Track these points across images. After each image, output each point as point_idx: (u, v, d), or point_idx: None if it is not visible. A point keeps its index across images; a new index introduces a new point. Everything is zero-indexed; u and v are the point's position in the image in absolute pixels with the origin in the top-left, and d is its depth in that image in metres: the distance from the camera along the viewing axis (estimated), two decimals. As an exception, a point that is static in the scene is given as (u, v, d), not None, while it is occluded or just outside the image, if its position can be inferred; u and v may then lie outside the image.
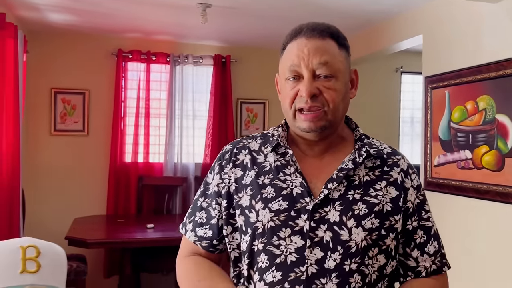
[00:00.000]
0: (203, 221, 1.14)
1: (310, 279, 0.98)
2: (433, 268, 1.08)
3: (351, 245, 1.00)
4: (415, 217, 1.08)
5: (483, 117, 2.54)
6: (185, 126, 4.44)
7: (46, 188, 4.09)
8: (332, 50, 1.04)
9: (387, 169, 1.08)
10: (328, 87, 1.02)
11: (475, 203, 2.58)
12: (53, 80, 4.15)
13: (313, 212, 1.01)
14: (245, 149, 1.14)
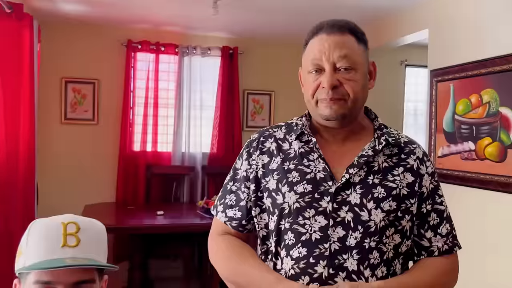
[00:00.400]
0: (233, 203, 1.23)
1: (333, 255, 1.07)
2: (445, 248, 1.16)
3: (370, 225, 1.08)
4: (429, 201, 1.16)
5: (487, 110, 2.62)
6: (193, 116, 4.52)
7: (56, 175, 4.17)
8: (351, 44, 1.12)
9: (404, 157, 1.16)
10: (348, 79, 1.10)
11: (478, 193, 2.67)
12: (64, 70, 4.22)
13: (335, 194, 1.10)
14: (271, 137, 1.23)
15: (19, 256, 0.96)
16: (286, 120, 1.29)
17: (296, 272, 1.08)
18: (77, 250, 0.93)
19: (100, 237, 0.99)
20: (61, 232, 0.93)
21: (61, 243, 0.93)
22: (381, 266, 1.09)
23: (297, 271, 1.08)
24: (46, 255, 0.91)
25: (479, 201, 2.67)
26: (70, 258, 0.91)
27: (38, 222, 0.98)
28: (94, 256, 0.95)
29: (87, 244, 0.95)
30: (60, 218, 0.97)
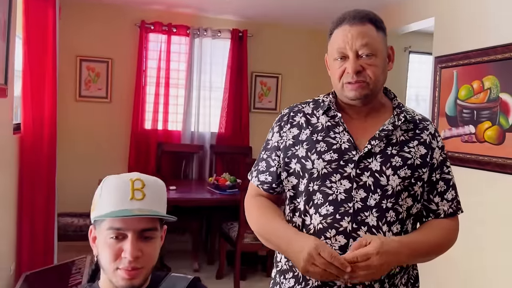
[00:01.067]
0: (264, 169, 1.40)
1: (356, 212, 1.24)
2: (450, 211, 1.34)
3: (388, 188, 1.26)
4: (438, 171, 1.33)
5: (488, 95, 2.78)
6: (202, 97, 4.66)
7: (71, 150, 4.31)
8: (371, 33, 1.27)
9: (419, 132, 1.33)
10: (369, 64, 1.26)
11: (476, 173, 2.85)
12: (79, 48, 4.35)
13: (358, 162, 1.27)
14: (300, 112, 1.40)
15: (94, 207, 1.10)
16: (307, 99, 1.45)
17: (324, 226, 1.25)
18: (142, 203, 1.07)
19: (161, 192, 1.14)
20: (130, 187, 1.07)
21: (130, 196, 1.06)
22: (396, 224, 1.26)
23: (325, 226, 1.25)
24: (117, 206, 1.06)
25: (477, 181, 2.85)
26: (137, 209, 1.05)
27: (110, 178, 1.12)
28: (157, 208, 1.10)
29: (150, 198, 1.09)
30: (128, 175, 1.11)
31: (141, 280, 1.07)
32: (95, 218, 1.09)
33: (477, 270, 2.84)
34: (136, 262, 1.04)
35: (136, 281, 1.06)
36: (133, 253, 1.03)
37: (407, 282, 1.34)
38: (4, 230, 2.79)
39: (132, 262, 1.04)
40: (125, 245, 1.04)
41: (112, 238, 1.05)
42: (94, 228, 1.12)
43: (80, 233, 3.64)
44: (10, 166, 2.88)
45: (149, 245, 1.08)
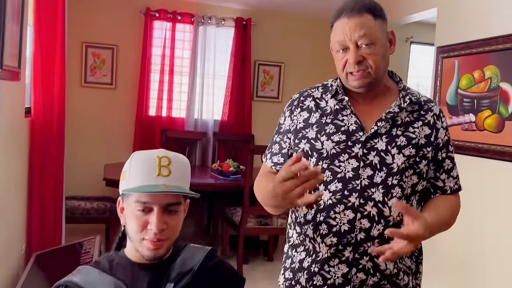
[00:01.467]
0: (277, 151, 1.49)
1: (363, 189, 1.32)
2: (455, 188, 1.43)
3: (393, 166, 1.33)
4: (444, 150, 1.41)
5: (488, 84, 2.86)
6: (206, 85, 4.72)
7: (76, 135, 4.37)
8: (368, 23, 1.33)
9: (423, 113, 1.40)
10: (369, 53, 1.32)
11: (476, 160, 2.93)
12: (84, 34, 4.39)
13: (365, 142, 1.35)
14: (310, 96, 1.47)
15: (123, 180, 1.17)
16: (318, 83, 1.52)
17: (333, 202, 1.33)
18: (168, 179, 1.13)
19: (186, 169, 1.20)
20: (156, 164, 1.13)
21: (156, 173, 1.12)
22: (401, 199, 1.33)
23: (334, 201, 1.33)
24: (144, 181, 1.12)
25: (476, 168, 2.94)
26: (163, 185, 1.12)
27: (138, 153, 1.18)
28: (181, 184, 1.16)
29: (176, 174, 1.15)
30: (156, 152, 1.17)
31: (164, 250, 1.15)
32: (123, 191, 1.16)
33: (477, 255, 2.93)
34: (161, 234, 1.11)
35: (160, 251, 1.13)
36: (158, 226, 1.10)
37: (411, 255, 1.42)
38: (16, 210, 2.86)
39: (157, 234, 1.11)
40: (151, 218, 1.11)
41: (139, 211, 1.12)
42: (122, 199, 1.19)
43: (87, 216, 3.72)
44: (22, 149, 2.95)
45: (173, 218, 1.15)
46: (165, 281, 1.15)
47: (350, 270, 1.33)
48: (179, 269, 1.18)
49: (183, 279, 1.16)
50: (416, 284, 1.44)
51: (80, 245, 3.05)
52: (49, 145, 3.15)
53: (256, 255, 4.27)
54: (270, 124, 4.84)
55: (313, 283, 1.38)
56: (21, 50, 2.64)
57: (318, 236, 1.36)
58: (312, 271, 1.38)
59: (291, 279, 1.45)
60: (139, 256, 1.15)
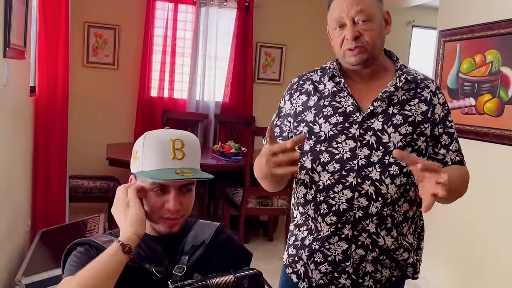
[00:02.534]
0: (278, 134, 1.51)
1: (361, 168, 1.36)
2: (457, 159, 1.42)
3: (390, 145, 1.36)
4: (440, 126, 1.41)
5: (489, 69, 2.88)
6: (208, 66, 4.73)
7: (78, 115, 4.37)
8: (365, 0, 1.35)
9: (420, 90, 1.42)
10: (366, 29, 1.35)
11: (475, 144, 2.97)
12: (86, 14, 4.38)
13: (362, 122, 1.37)
14: (309, 80, 1.50)
15: (136, 160, 1.19)
16: (316, 67, 1.54)
17: (332, 182, 1.37)
18: (183, 162, 1.16)
19: (197, 148, 1.23)
20: (171, 147, 1.16)
21: (171, 156, 1.15)
22: (400, 176, 1.36)
23: (333, 181, 1.37)
24: (160, 165, 1.15)
25: (476, 151, 2.98)
26: (179, 168, 1.15)
27: (151, 135, 1.20)
28: (195, 165, 1.20)
29: (189, 156, 1.18)
30: (168, 133, 1.20)
31: (179, 227, 1.20)
32: (138, 174, 1.18)
33: (477, 235, 3.00)
34: (176, 213, 1.16)
35: (175, 228, 1.18)
36: (175, 206, 1.15)
37: (414, 232, 1.47)
38: (22, 188, 2.91)
39: (174, 213, 1.16)
40: (168, 198, 1.15)
41: (157, 191, 1.16)
42: (135, 178, 1.22)
43: (90, 195, 3.77)
44: (27, 127, 2.98)
45: (188, 197, 1.19)
46: (179, 254, 1.20)
47: (349, 246, 1.38)
48: (191, 243, 1.22)
49: (196, 252, 1.21)
50: (416, 260, 1.48)
51: (84, 223, 3.11)
52: (53, 124, 3.18)
53: (256, 235, 4.34)
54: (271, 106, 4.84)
55: (314, 259, 1.43)
56: (26, 29, 2.65)
57: (319, 216, 1.41)
58: (313, 249, 1.43)
59: (294, 255, 1.50)
60: (152, 229, 1.20)
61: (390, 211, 1.37)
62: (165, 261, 1.18)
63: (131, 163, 1.23)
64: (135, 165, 1.20)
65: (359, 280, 1.41)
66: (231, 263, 1.29)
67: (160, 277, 1.12)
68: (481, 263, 2.90)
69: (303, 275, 1.47)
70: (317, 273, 1.43)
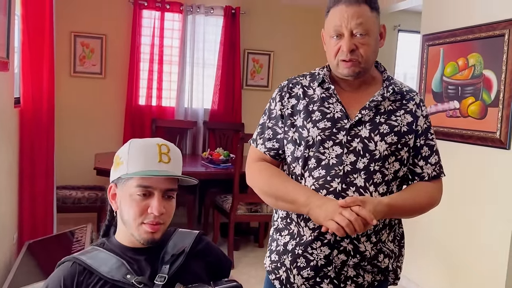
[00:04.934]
0: (271, 137, 1.50)
1: (346, 175, 1.37)
2: (434, 174, 1.46)
3: (376, 153, 1.38)
4: (422, 137, 1.45)
5: (472, 72, 2.91)
6: (196, 74, 4.74)
7: (66, 125, 4.37)
8: (365, 13, 1.37)
9: (405, 102, 1.45)
10: (362, 43, 1.37)
11: (459, 146, 2.99)
12: (72, 24, 4.38)
13: (349, 129, 1.39)
14: (298, 84, 1.51)
15: (119, 165, 1.19)
16: (310, 71, 1.56)
17: (316, 188, 1.38)
18: (169, 166, 1.18)
19: (180, 158, 1.26)
20: (157, 151, 1.18)
21: (158, 159, 1.17)
22: (382, 185, 1.39)
23: (317, 187, 1.38)
24: (146, 167, 1.16)
25: (460, 153, 3.00)
26: (165, 171, 1.17)
27: (136, 141, 1.22)
28: (178, 172, 1.22)
29: (174, 162, 1.20)
30: (154, 140, 1.22)
31: (160, 234, 1.19)
32: (123, 176, 1.18)
33: (459, 239, 3.01)
34: (160, 217, 1.16)
35: (157, 234, 1.18)
36: (159, 209, 1.15)
37: (394, 239, 1.48)
38: (7, 200, 2.88)
39: (157, 217, 1.16)
40: (152, 202, 1.16)
41: (140, 195, 1.16)
42: (115, 186, 1.22)
43: (78, 205, 3.75)
44: (12, 139, 2.97)
45: (170, 203, 1.20)
46: (160, 263, 1.20)
47: (331, 251, 1.39)
48: (171, 252, 1.23)
49: (176, 261, 1.21)
50: (397, 266, 1.49)
51: (72, 234, 3.08)
52: (39, 135, 3.17)
53: (247, 241, 4.34)
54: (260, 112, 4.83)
55: (297, 264, 1.43)
56: (9, 40, 2.64)
57: (302, 220, 1.42)
58: (296, 254, 1.43)
59: (276, 261, 1.50)
60: (133, 241, 1.20)
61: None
62: (147, 271, 1.18)
63: (112, 171, 1.23)
64: (117, 171, 1.20)
65: (341, 285, 1.41)
66: (211, 271, 1.30)
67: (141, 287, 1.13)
68: (468, 265, 2.92)
69: (285, 281, 1.47)
70: (299, 278, 1.43)
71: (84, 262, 1.16)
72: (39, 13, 3.10)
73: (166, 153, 1.19)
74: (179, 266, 1.20)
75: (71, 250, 2.80)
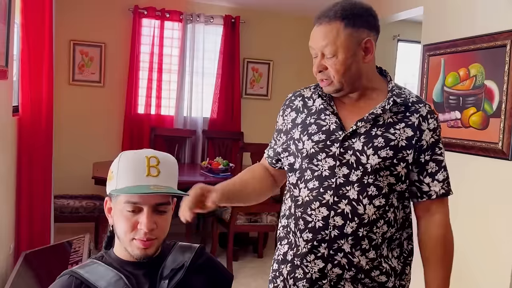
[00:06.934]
0: (272, 145, 1.59)
1: (338, 187, 1.34)
2: (442, 192, 1.38)
3: (367, 166, 1.33)
4: (428, 152, 1.38)
5: (473, 82, 2.90)
6: (195, 83, 4.73)
7: (64, 134, 4.34)
8: (333, 33, 1.32)
9: (408, 115, 1.37)
10: (331, 64, 1.34)
11: (461, 157, 2.97)
12: (72, 32, 4.36)
13: (343, 141, 1.36)
14: (300, 96, 1.50)
15: (111, 180, 1.17)
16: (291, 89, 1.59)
17: (309, 199, 1.37)
18: (158, 179, 1.14)
19: (174, 168, 1.21)
20: (145, 164, 1.14)
21: (146, 173, 1.13)
22: (379, 197, 1.34)
23: (311, 198, 1.36)
24: (134, 182, 1.12)
25: (462, 164, 2.98)
26: (153, 185, 1.12)
27: (126, 154, 1.18)
28: (170, 184, 1.17)
29: (165, 174, 1.16)
30: (144, 152, 1.18)
31: (154, 249, 1.16)
32: (112, 192, 1.16)
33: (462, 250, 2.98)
34: (150, 233, 1.13)
35: (150, 250, 1.15)
36: (148, 226, 1.11)
37: (399, 256, 1.43)
38: (4, 210, 2.85)
39: (147, 233, 1.12)
40: (141, 218, 1.12)
41: (129, 211, 1.12)
42: (110, 199, 1.19)
43: (76, 215, 3.71)
44: (10, 148, 2.94)
45: (163, 218, 1.16)
46: (158, 279, 1.17)
47: (326, 265, 1.36)
48: (171, 267, 1.19)
49: (176, 276, 1.18)
50: (400, 285, 1.43)
51: (69, 244, 3.04)
52: (37, 143, 3.14)
53: (246, 252, 4.29)
54: (259, 121, 4.91)
55: (294, 275, 1.41)
56: (8, 48, 2.62)
57: (297, 231, 1.40)
58: (295, 264, 1.42)
59: (275, 270, 1.50)
60: (128, 255, 1.17)
61: (366, 232, 1.34)
62: (145, 286, 1.15)
63: (107, 184, 1.20)
64: (110, 185, 1.17)
65: None
66: (212, 286, 1.26)
67: None
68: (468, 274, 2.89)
69: None
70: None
71: (82, 276, 1.13)
72: (38, 21, 3.08)
73: (155, 165, 1.14)
74: (179, 281, 1.17)
75: (69, 260, 2.76)
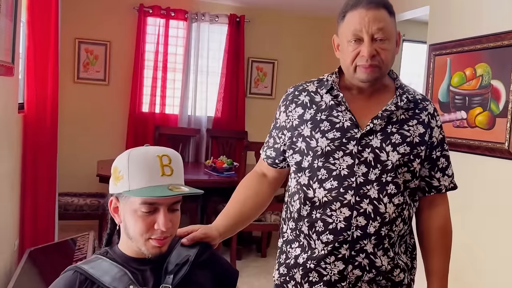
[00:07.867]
0: (271, 145, 1.50)
1: (359, 186, 1.33)
2: (451, 186, 1.44)
3: (388, 164, 1.33)
4: (439, 149, 1.40)
5: (480, 82, 2.89)
6: (199, 81, 4.73)
7: (69, 131, 4.35)
8: (386, 18, 1.32)
9: (418, 111, 1.40)
10: (383, 48, 1.32)
11: (467, 157, 2.96)
12: (77, 30, 4.37)
13: (360, 139, 1.34)
14: (305, 91, 1.46)
15: (119, 180, 1.13)
16: (318, 77, 1.52)
17: (329, 200, 1.33)
18: (172, 178, 1.13)
19: (181, 164, 1.20)
20: (159, 164, 1.12)
21: (160, 173, 1.12)
22: (398, 196, 1.34)
23: (330, 199, 1.33)
24: (149, 182, 1.11)
25: (468, 164, 2.97)
26: (170, 185, 1.11)
27: (135, 153, 1.15)
28: (181, 181, 1.17)
29: (177, 172, 1.15)
30: (154, 151, 1.15)
31: (167, 246, 1.16)
32: (126, 193, 1.13)
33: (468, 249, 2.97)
34: (166, 232, 1.12)
35: (164, 248, 1.15)
36: (166, 225, 1.11)
37: (406, 251, 1.44)
38: (9, 207, 2.85)
39: (164, 232, 1.11)
40: (158, 217, 1.11)
41: (145, 212, 1.11)
42: (117, 199, 1.17)
43: (80, 212, 3.71)
44: (16, 145, 2.94)
45: (176, 215, 1.16)
46: (163, 274, 1.17)
47: (346, 267, 1.33)
48: (175, 262, 1.19)
49: (180, 271, 1.17)
50: (410, 279, 1.45)
51: (74, 241, 3.04)
52: (42, 141, 3.14)
53: (249, 251, 4.29)
54: (263, 120, 4.90)
55: (309, 279, 1.38)
56: (14, 45, 2.63)
57: (313, 233, 1.36)
58: (308, 268, 1.38)
59: (285, 274, 1.45)
60: (138, 252, 1.16)
61: (387, 230, 1.34)
62: (151, 281, 1.15)
63: (112, 183, 1.17)
64: (118, 185, 1.14)
65: None
66: (217, 281, 1.26)
67: None
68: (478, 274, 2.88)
69: None
70: None
71: (86, 271, 1.12)
72: (44, 19, 3.08)
73: (168, 164, 1.13)
74: (183, 276, 1.16)
75: (73, 258, 2.76)
